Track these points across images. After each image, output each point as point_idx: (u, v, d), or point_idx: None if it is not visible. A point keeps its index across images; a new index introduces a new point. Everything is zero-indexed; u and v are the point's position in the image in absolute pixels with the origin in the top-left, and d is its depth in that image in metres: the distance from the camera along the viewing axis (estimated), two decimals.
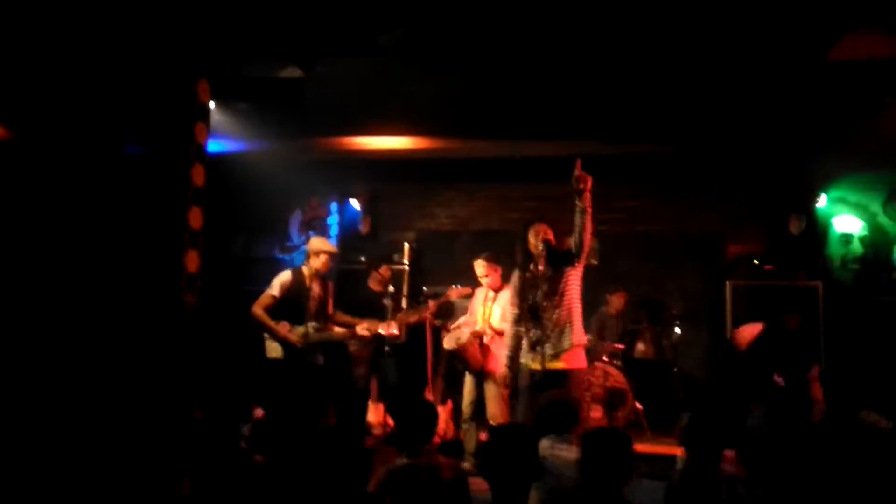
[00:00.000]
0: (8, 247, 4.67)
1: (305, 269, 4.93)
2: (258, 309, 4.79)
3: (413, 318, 5.34)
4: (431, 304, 5.27)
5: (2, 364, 4.34)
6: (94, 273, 4.74)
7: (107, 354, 4.53)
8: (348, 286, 6.39)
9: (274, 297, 4.82)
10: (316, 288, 4.93)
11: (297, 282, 4.88)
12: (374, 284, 5.58)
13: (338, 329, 4.94)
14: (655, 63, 5.22)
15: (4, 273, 4.62)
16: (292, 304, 4.83)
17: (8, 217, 4.71)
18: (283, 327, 4.78)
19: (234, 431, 4.37)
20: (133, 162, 5.01)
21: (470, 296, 5.18)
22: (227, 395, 4.94)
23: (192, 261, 4.80)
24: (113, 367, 4.50)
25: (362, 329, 4.97)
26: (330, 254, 4.98)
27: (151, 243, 4.77)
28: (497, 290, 4.96)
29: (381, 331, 5.07)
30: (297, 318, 4.83)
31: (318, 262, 4.91)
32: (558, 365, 3.95)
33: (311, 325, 4.82)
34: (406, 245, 7.00)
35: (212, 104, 5.09)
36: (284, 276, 4.90)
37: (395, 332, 5.11)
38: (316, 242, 5.09)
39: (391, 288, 5.47)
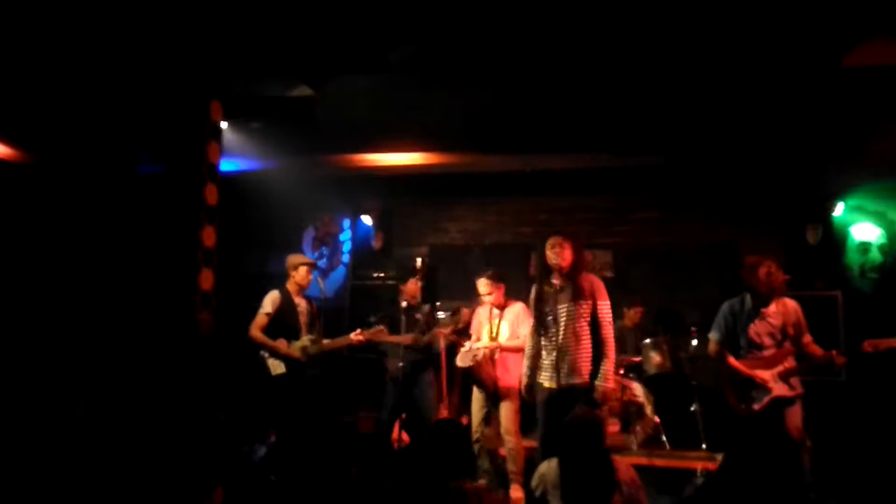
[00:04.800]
0: (26, 264, 4.72)
1: (290, 286, 4.97)
2: (255, 331, 4.84)
3: (450, 328, 5.31)
4: (465, 311, 5.23)
5: (18, 378, 4.37)
6: (110, 291, 4.78)
7: (123, 371, 4.56)
8: (361, 301, 6.39)
9: (268, 314, 4.88)
10: (303, 303, 4.99)
11: (286, 298, 4.93)
12: (404, 299, 5.58)
13: (327, 341, 4.96)
14: (667, 74, 5.20)
15: (23, 289, 4.66)
16: (284, 321, 4.88)
17: (26, 236, 4.77)
18: (281, 344, 4.82)
19: (249, 450, 4.37)
20: (147, 181, 5.07)
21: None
22: (240, 412, 4.94)
23: (207, 279, 4.84)
24: (129, 382, 4.52)
25: (355, 335, 4.97)
26: (308, 265, 5.02)
27: (166, 261, 4.81)
28: (501, 308, 4.93)
29: (388, 339, 5.07)
30: (291, 335, 4.87)
31: (298, 276, 4.95)
32: (574, 381, 3.95)
33: (308, 338, 4.87)
34: (419, 260, 6.99)
35: (224, 124, 5.15)
36: (273, 294, 4.95)
37: (408, 341, 5.10)
38: (292, 258, 5.12)
39: (424, 302, 5.50)
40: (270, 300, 4.90)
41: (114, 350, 4.65)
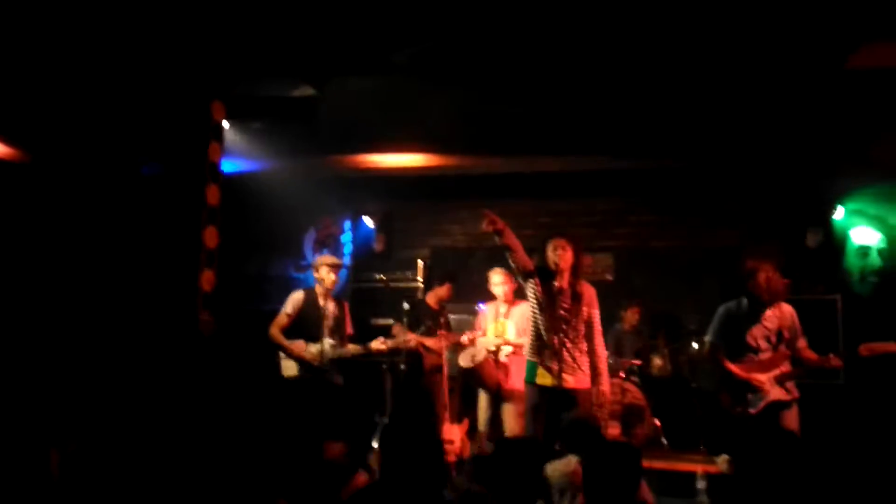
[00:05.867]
0: (27, 265, 4.71)
1: (318, 288, 4.95)
2: (274, 329, 4.83)
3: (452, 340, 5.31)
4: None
5: (18, 378, 4.36)
6: (112, 291, 4.78)
7: (123, 372, 4.55)
8: (363, 303, 6.38)
9: (288, 315, 4.85)
10: (330, 306, 4.93)
11: (310, 300, 4.91)
12: (431, 301, 5.56)
13: (353, 346, 4.93)
14: (669, 77, 5.20)
15: (24, 289, 4.66)
16: (307, 323, 4.85)
17: (27, 236, 4.76)
18: (298, 346, 4.79)
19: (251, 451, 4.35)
20: (149, 181, 5.06)
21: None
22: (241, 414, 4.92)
23: (208, 280, 4.82)
24: (129, 384, 4.51)
25: (378, 344, 4.95)
26: (331, 265, 4.99)
27: (167, 262, 4.80)
28: (510, 304, 4.94)
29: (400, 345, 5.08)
30: (312, 337, 4.84)
31: (319, 276, 4.93)
32: (569, 383, 3.95)
33: (328, 342, 4.82)
34: (420, 262, 6.99)
35: (226, 124, 5.14)
36: (297, 294, 4.94)
37: (412, 344, 5.10)
38: (318, 259, 5.13)
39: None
40: (292, 301, 4.88)
41: (114, 349, 4.64)
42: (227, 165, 5.31)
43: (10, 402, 4.27)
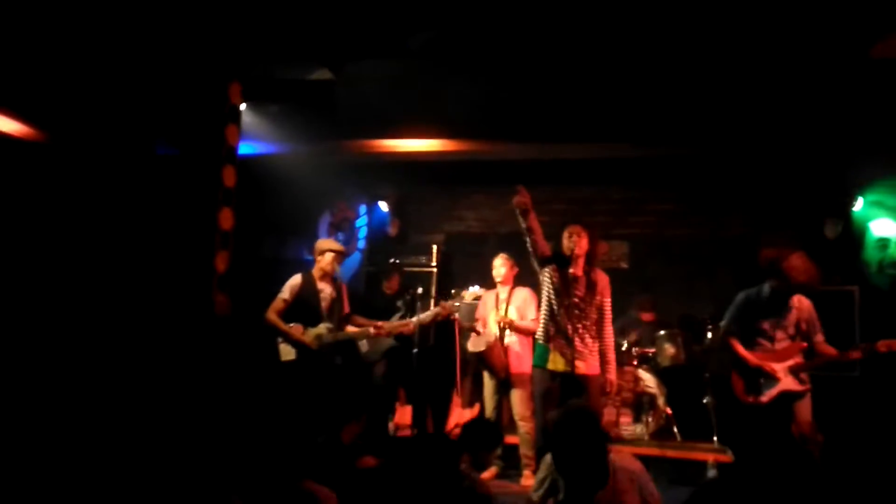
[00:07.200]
0: (43, 246, 4.76)
1: (315, 271, 4.97)
2: (271, 314, 4.86)
3: (428, 320, 5.32)
4: (444, 304, 5.23)
5: (31, 359, 4.41)
6: (127, 272, 4.82)
7: (139, 353, 4.59)
8: (376, 287, 6.39)
9: (285, 300, 4.87)
10: (327, 289, 4.97)
11: (307, 284, 4.93)
12: (387, 291, 5.65)
13: (351, 329, 4.96)
14: (688, 64, 5.14)
15: (39, 270, 4.70)
16: (305, 307, 4.88)
17: (43, 217, 4.81)
18: (296, 329, 4.81)
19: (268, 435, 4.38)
20: (165, 163, 5.08)
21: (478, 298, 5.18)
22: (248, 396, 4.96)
23: (223, 261, 4.84)
24: (144, 365, 4.56)
25: (374, 328, 4.98)
26: (335, 252, 5.00)
27: (183, 243, 4.83)
28: (510, 289, 4.95)
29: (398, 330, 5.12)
30: (310, 320, 4.86)
31: (323, 262, 4.94)
32: (580, 368, 3.94)
33: (325, 325, 4.85)
34: (435, 247, 7.00)
35: (243, 106, 5.14)
36: (294, 279, 4.96)
37: (410, 329, 5.13)
38: (320, 243, 5.14)
39: (419, 290, 5.54)
40: (289, 286, 4.91)
41: (130, 331, 4.68)
42: (244, 148, 5.32)
43: (23, 381, 4.33)
